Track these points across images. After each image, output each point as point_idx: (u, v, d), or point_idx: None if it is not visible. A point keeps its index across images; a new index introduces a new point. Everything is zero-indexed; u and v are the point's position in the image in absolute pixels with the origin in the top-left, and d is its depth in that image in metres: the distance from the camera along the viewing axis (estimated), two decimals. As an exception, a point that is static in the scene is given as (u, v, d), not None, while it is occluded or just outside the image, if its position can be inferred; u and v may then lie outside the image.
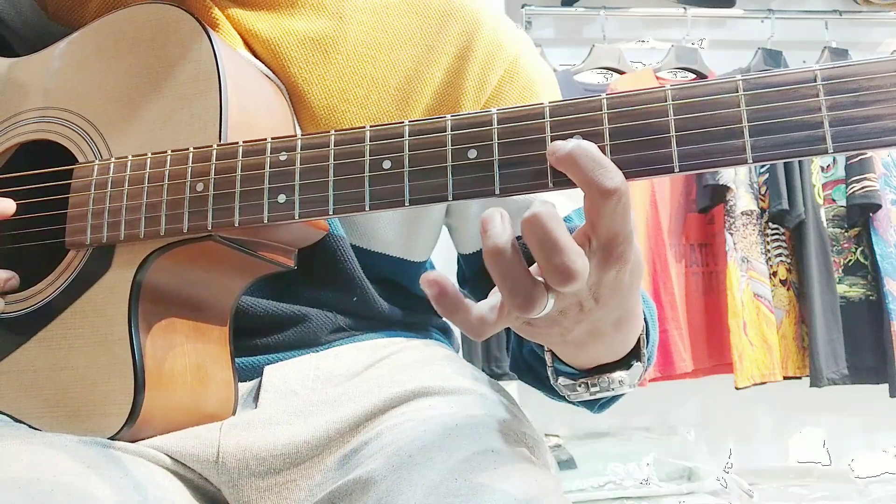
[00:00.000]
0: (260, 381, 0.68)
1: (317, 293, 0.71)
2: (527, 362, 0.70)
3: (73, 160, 0.64)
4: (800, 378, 2.12)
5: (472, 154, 0.50)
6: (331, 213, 0.53)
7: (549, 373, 0.58)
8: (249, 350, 0.70)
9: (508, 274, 0.44)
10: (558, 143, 0.46)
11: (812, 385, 2.07)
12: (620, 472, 1.99)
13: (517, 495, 0.51)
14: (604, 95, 0.48)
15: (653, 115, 0.47)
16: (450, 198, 0.50)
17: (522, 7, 2.21)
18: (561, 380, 0.57)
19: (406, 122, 0.52)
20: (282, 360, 0.70)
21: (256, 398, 0.67)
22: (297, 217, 0.54)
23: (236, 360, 0.68)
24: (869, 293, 2.15)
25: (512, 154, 0.49)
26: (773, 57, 2.20)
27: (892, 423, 2.33)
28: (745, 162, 0.46)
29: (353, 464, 0.59)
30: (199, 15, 0.67)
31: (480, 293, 0.76)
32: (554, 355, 0.58)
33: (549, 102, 0.49)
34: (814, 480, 2.20)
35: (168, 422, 0.62)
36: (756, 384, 2.05)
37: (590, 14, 2.26)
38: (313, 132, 0.55)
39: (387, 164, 0.52)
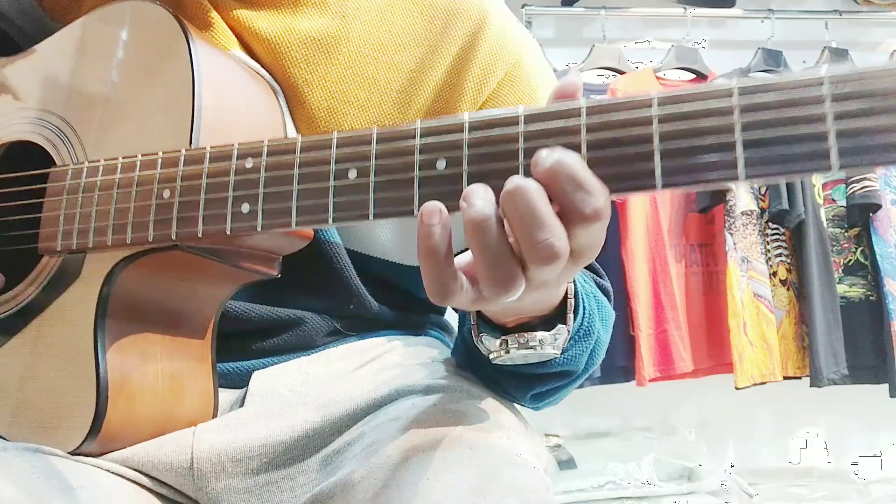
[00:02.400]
0: (247, 388, 0.67)
1: (313, 300, 0.70)
2: (463, 337, 0.66)
3: (55, 163, 0.63)
4: (800, 378, 2.12)
5: (441, 164, 0.46)
6: (293, 225, 0.50)
7: (472, 331, 0.55)
8: (243, 354, 0.69)
9: (490, 247, 0.42)
10: (542, 153, 0.43)
11: (812, 385, 2.07)
12: (620, 472, 1.99)
13: (490, 496, 0.49)
14: (584, 103, 0.44)
15: (636, 124, 0.43)
16: (415, 212, 0.46)
17: (522, 7, 2.21)
18: (483, 338, 0.55)
19: (375, 129, 0.49)
20: (273, 365, 0.69)
21: (242, 404, 0.66)
22: (259, 228, 0.52)
23: (229, 364, 0.68)
24: (869, 293, 2.15)
25: (482, 165, 0.45)
26: (773, 57, 2.20)
27: (892, 423, 2.32)
28: (735, 178, 0.40)
29: (335, 465, 0.58)
30: (193, 15, 0.66)
31: None
32: (479, 317, 0.55)
33: (525, 109, 0.45)
34: (814, 480, 2.20)
35: (138, 435, 0.60)
36: (756, 384, 2.05)
37: (590, 14, 2.26)
38: (280, 138, 0.53)
39: (352, 174, 0.48)
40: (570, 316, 0.54)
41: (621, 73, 2.18)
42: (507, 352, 0.53)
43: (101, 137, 0.62)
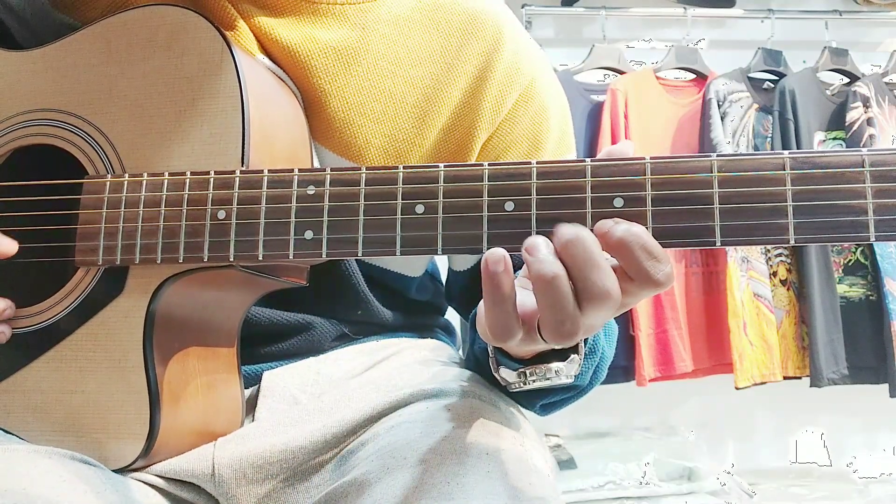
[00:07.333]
0: (259, 388, 0.68)
1: (321, 305, 0.71)
2: (476, 357, 0.70)
3: (77, 167, 0.61)
4: (800, 378, 2.12)
5: (510, 206, 0.49)
6: (360, 254, 0.52)
7: (491, 363, 0.58)
8: (253, 358, 0.69)
9: (559, 303, 0.45)
10: (607, 223, 0.46)
11: (812, 385, 2.07)
12: (620, 472, 1.99)
13: (508, 499, 0.51)
14: (648, 158, 0.47)
15: (696, 184, 0.46)
16: (484, 249, 0.48)
17: (522, 7, 2.21)
18: (502, 370, 0.57)
19: (441, 167, 0.51)
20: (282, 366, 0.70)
21: (255, 405, 0.67)
22: (324, 256, 0.52)
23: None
24: (869, 293, 2.15)
25: (549, 210, 0.49)
26: (773, 57, 2.20)
27: (892, 423, 2.33)
28: (787, 242, 0.45)
29: (349, 465, 0.59)
30: (216, 18, 0.64)
31: (466, 309, 0.77)
32: (496, 347, 0.57)
33: (591, 161, 0.48)
34: (814, 480, 2.20)
35: (180, 447, 0.61)
36: (756, 384, 2.05)
37: (590, 14, 2.26)
38: (342, 167, 0.53)
39: (419, 209, 0.50)
40: (581, 345, 0.57)
41: (621, 72, 2.18)
42: (525, 383, 0.56)
43: (138, 148, 0.60)
